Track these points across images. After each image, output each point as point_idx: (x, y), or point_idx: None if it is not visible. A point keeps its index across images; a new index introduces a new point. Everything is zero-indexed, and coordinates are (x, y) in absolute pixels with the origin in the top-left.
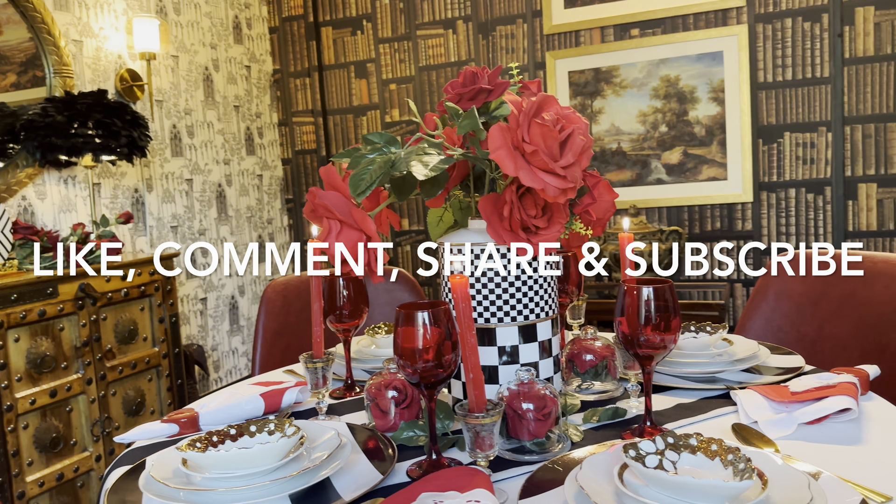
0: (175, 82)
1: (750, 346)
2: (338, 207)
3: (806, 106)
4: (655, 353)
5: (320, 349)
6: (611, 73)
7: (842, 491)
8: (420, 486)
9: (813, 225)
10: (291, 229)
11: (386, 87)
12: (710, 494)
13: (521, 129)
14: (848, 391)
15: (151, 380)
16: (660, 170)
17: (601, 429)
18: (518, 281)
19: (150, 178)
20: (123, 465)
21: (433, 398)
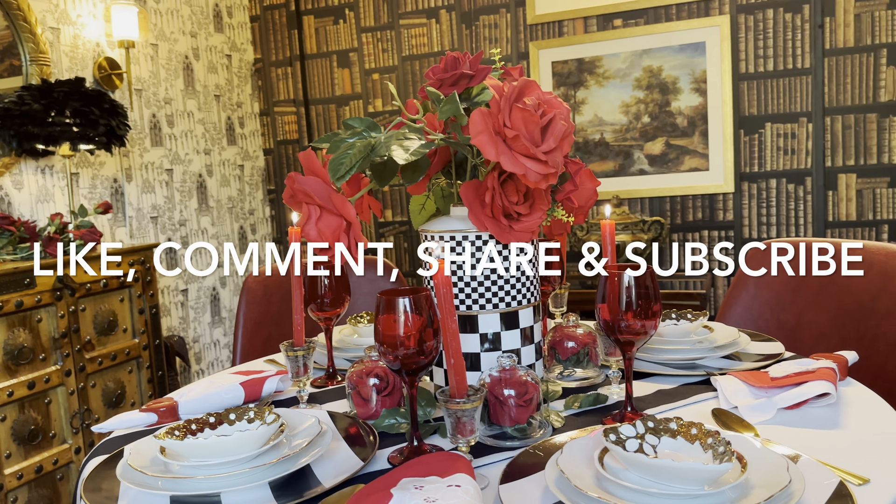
0: (154, 71)
1: (730, 333)
2: (317, 192)
3: (787, 97)
4: (636, 338)
5: (301, 337)
6: (594, 64)
7: (820, 473)
8: (401, 471)
9: (793, 215)
10: (273, 220)
11: (369, 76)
12: (690, 477)
13: (503, 114)
14: (827, 376)
15: (132, 371)
16: (642, 160)
17: (582, 415)
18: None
19: (130, 168)
20: (101, 454)
21: (415, 385)
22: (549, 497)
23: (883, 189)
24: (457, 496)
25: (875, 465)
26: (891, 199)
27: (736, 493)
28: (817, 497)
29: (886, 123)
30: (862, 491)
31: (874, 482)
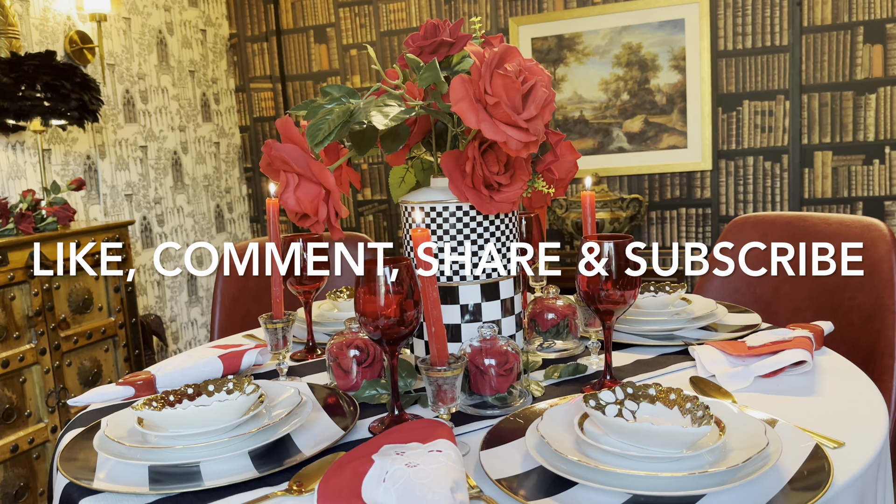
0: (127, 45)
1: (707, 304)
2: (295, 160)
3: (765, 74)
4: (616, 307)
5: (280, 310)
6: (573, 41)
7: (797, 437)
8: (382, 438)
9: (770, 193)
10: (251, 199)
11: (346, 52)
12: (669, 440)
13: (483, 81)
14: (803, 345)
15: (108, 350)
16: (621, 138)
17: (562, 384)
18: (480, 239)
19: (103, 144)
20: (77, 427)
21: (395, 355)
22: (530, 462)
23: (858, 166)
24: (438, 461)
25: (850, 430)
26: (866, 176)
27: (714, 456)
28: (794, 459)
29: (862, 101)
30: (837, 454)
31: (849, 445)
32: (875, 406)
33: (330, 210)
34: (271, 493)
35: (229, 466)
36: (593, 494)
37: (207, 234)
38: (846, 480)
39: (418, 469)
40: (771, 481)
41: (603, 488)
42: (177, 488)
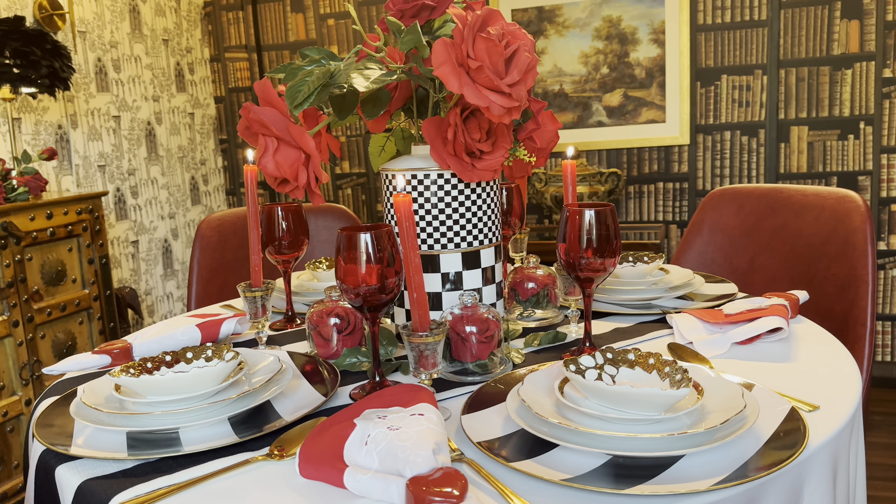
0: (99, 13)
1: (685, 274)
2: (275, 123)
3: (743, 49)
4: (596, 275)
5: (259, 278)
6: (554, 13)
7: (773, 400)
8: (364, 403)
9: (746, 167)
10: (226, 171)
11: (324, 22)
12: (648, 403)
13: (466, 44)
14: (779, 312)
15: (82, 322)
16: (601, 112)
17: (542, 352)
18: (462, 207)
19: (75, 114)
20: (53, 395)
21: (377, 322)
22: (511, 425)
23: (833, 141)
24: (419, 423)
25: (824, 394)
26: (840, 150)
27: (692, 419)
28: (771, 421)
29: (838, 77)
30: (812, 416)
31: (823, 409)
32: (848, 372)
33: (310, 175)
34: (252, 457)
35: (209, 432)
36: (573, 456)
37: (182, 206)
38: (821, 442)
39: (401, 432)
40: (748, 443)
41: (583, 449)
42: (156, 453)
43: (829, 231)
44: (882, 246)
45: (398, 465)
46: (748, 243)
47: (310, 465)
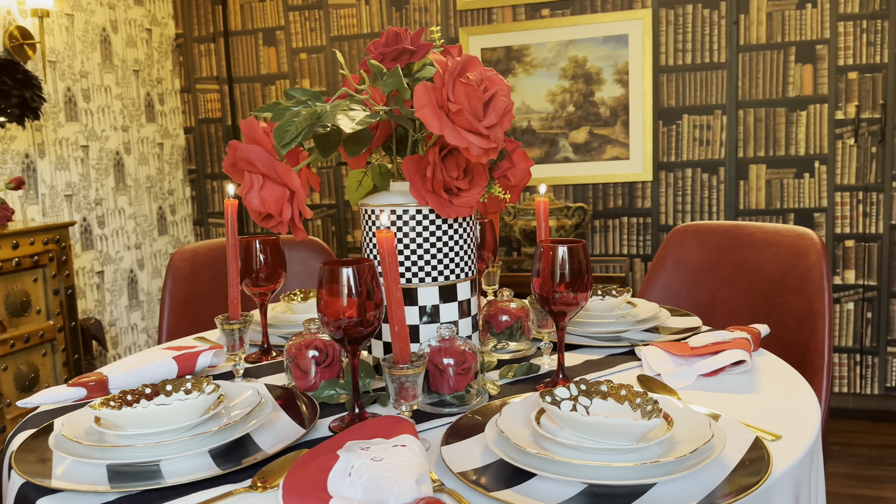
0: (70, 42)
1: (651, 307)
2: (260, 161)
3: (703, 90)
4: (569, 309)
5: (237, 311)
6: (522, 52)
7: (738, 430)
8: (346, 435)
9: (707, 203)
10: (194, 202)
11: (296, 56)
12: (621, 433)
13: (447, 88)
14: (742, 346)
15: (46, 354)
16: (567, 148)
17: (517, 383)
18: (439, 242)
19: (43, 143)
20: (28, 428)
21: (357, 354)
22: (490, 455)
23: (790, 179)
24: (402, 454)
25: (786, 424)
26: (797, 188)
27: (662, 448)
28: (736, 451)
29: (794, 117)
30: (775, 446)
31: (785, 438)
32: (808, 402)
33: (294, 211)
34: (235, 489)
35: (190, 465)
36: (551, 485)
37: (149, 236)
38: (784, 469)
39: (384, 462)
40: (715, 471)
41: (560, 478)
42: (138, 486)
43: (787, 267)
44: (837, 280)
45: (382, 496)
46: (710, 278)
47: (294, 497)
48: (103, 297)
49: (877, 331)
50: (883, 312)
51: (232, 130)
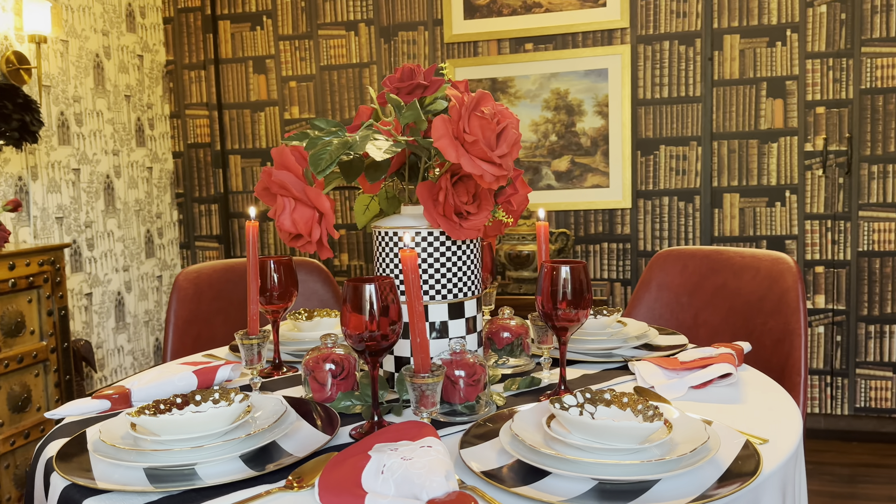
0: (64, 68)
1: (641, 326)
2: (293, 185)
3: (679, 122)
4: (570, 325)
5: (256, 326)
6: (506, 84)
7: (730, 434)
8: (373, 438)
9: (683, 230)
10: (181, 225)
11: (286, 84)
12: (627, 435)
13: (463, 121)
14: (728, 360)
15: (38, 375)
16: (550, 176)
17: (520, 395)
18: (449, 262)
19: (36, 166)
20: (58, 438)
21: (377, 366)
22: (505, 457)
23: (762, 208)
24: (429, 454)
25: (772, 430)
26: (769, 216)
27: (663, 450)
28: (729, 452)
29: (766, 149)
30: (763, 448)
31: (772, 442)
32: (790, 411)
33: (323, 232)
34: (271, 489)
35: (223, 468)
36: (564, 482)
37: (137, 259)
38: (772, 469)
39: (414, 461)
40: (712, 469)
41: (573, 475)
42: (179, 486)
43: (765, 289)
44: (808, 304)
45: (415, 490)
46: (692, 300)
47: (330, 494)
48: (91, 318)
49: (846, 353)
50: (852, 336)
51: (221, 155)
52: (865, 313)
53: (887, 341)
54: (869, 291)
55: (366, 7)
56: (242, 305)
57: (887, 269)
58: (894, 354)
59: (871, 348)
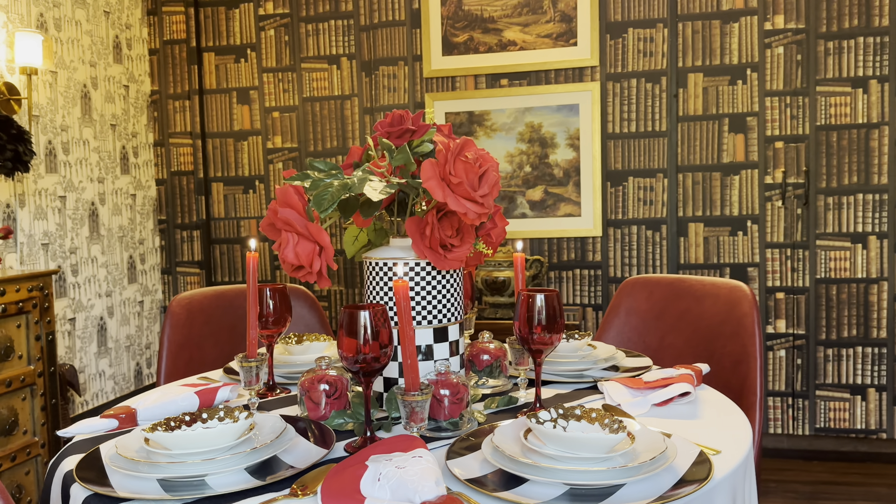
0: (53, 98)
1: (609, 349)
2: (297, 222)
3: (646, 155)
4: (545, 347)
5: (254, 350)
6: (483, 117)
7: (686, 446)
8: (368, 451)
9: (651, 258)
10: (163, 251)
11: (268, 114)
12: (595, 445)
13: (449, 164)
14: (688, 380)
15: (25, 399)
16: (524, 205)
17: (499, 413)
18: (434, 290)
19: (24, 193)
20: (71, 454)
21: (370, 385)
22: (487, 467)
23: (725, 237)
24: (420, 463)
25: (724, 443)
26: (732, 245)
27: (627, 458)
28: (686, 460)
29: (728, 181)
30: (716, 458)
31: (724, 453)
32: (742, 426)
33: (323, 263)
34: (276, 496)
35: (231, 479)
36: (539, 488)
37: (119, 284)
38: (723, 475)
39: (407, 469)
40: (670, 475)
41: (548, 481)
42: (192, 494)
43: (724, 315)
44: (769, 329)
45: (409, 495)
46: (658, 325)
47: (332, 499)
48: (74, 343)
49: (806, 376)
50: (811, 359)
51: (204, 182)
52: (824, 337)
53: (844, 364)
54: (826, 317)
55: (348, 42)
56: (231, 329)
57: (843, 296)
58: (851, 377)
59: (830, 371)
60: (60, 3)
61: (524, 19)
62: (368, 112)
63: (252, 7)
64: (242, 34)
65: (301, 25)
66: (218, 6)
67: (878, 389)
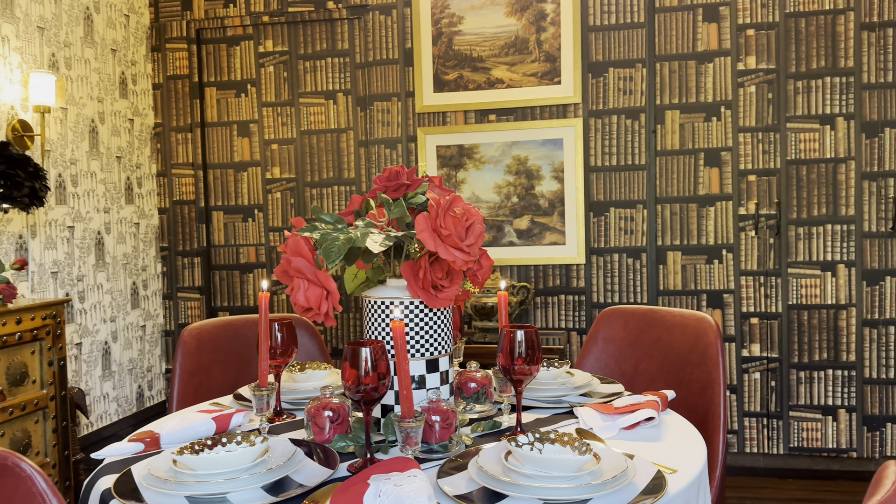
0: (63, 133)
1: (585, 377)
2: (307, 270)
3: (627, 187)
4: (525, 377)
5: (265, 380)
6: (472, 150)
7: (646, 465)
8: (369, 471)
9: (632, 285)
10: (165, 277)
11: (268, 146)
12: (566, 465)
13: (439, 218)
14: (653, 406)
15: (38, 422)
16: (512, 234)
17: (485, 436)
18: (426, 326)
19: (35, 224)
20: (103, 475)
21: (370, 412)
22: (472, 484)
23: (702, 265)
24: (415, 481)
25: (681, 463)
26: (708, 273)
27: (593, 476)
28: (644, 478)
29: (704, 212)
30: (672, 476)
31: (680, 472)
32: (697, 448)
33: (328, 306)
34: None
35: (249, 496)
36: (518, 503)
37: (123, 310)
38: (677, 491)
39: (403, 486)
40: (630, 490)
41: (525, 497)
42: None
43: (692, 344)
44: (744, 353)
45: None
46: (633, 352)
47: None
48: (80, 367)
49: (780, 397)
50: (785, 381)
51: (205, 211)
52: (796, 360)
53: (816, 386)
54: (799, 341)
55: (344, 79)
56: (237, 358)
57: (814, 321)
58: (822, 398)
59: (802, 392)
60: (71, 43)
61: (511, 59)
62: (363, 145)
63: (252, 45)
64: (243, 70)
65: (299, 62)
66: (219, 43)
67: (847, 410)
